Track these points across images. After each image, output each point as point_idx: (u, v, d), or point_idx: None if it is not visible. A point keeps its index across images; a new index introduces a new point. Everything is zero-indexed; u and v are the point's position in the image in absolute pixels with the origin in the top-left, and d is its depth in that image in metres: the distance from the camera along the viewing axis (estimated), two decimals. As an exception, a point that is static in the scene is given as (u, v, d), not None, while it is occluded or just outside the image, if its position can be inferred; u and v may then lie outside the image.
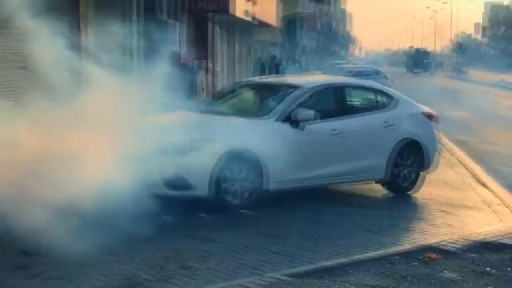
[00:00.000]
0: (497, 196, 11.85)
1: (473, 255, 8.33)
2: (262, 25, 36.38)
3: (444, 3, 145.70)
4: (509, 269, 7.86)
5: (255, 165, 10.53)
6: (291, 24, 50.58)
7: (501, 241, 8.82)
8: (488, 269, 7.82)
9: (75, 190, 8.35)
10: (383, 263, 7.94)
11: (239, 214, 9.99)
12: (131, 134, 10.14)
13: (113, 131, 9.69)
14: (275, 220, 9.80)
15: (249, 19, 29.78)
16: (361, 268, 7.72)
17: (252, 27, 36.49)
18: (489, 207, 11.25)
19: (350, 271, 7.63)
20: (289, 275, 7.31)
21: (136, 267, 7.33)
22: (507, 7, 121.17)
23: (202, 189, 10.04)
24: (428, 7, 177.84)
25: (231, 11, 24.25)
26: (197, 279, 7.08)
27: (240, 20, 28.86)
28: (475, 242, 8.90)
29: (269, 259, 7.91)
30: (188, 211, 9.64)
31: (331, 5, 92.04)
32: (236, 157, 10.42)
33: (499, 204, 11.24)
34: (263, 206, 10.21)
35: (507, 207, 10.97)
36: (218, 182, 10.14)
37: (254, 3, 29.84)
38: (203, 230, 9.07)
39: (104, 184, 8.52)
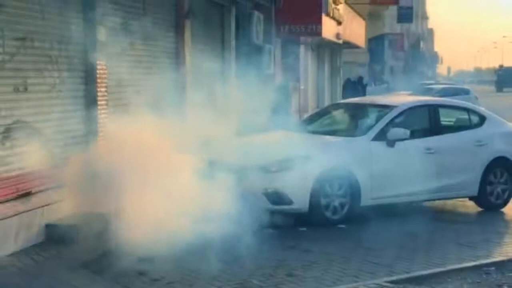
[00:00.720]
0: None
1: None
2: (351, 46, 36.28)
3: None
4: None
5: (353, 182, 10.61)
6: (378, 44, 50.08)
7: None
8: None
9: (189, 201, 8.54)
10: (479, 273, 8.02)
11: (337, 229, 10.11)
12: (237, 152, 10.52)
13: (219, 149, 10.06)
14: (372, 234, 9.84)
15: (339, 41, 29.68)
16: (458, 277, 7.89)
17: (341, 49, 36.43)
18: None
19: (448, 279, 7.79)
20: (390, 282, 7.52)
21: (248, 274, 7.59)
22: None
23: (302, 204, 10.16)
24: (504, 36, 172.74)
25: (323, 34, 24.18)
26: (304, 285, 7.33)
27: (330, 42, 28.82)
28: None
29: (369, 269, 8.07)
30: (290, 225, 9.91)
31: (418, 25, 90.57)
32: (334, 174, 10.52)
33: None
34: (360, 221, 10.28)
35: None
36: (317, 198, 10.27)
37: (344, 25, 29.91)
38: (305, 242, 9.25)
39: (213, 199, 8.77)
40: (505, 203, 12.06)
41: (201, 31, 14.88)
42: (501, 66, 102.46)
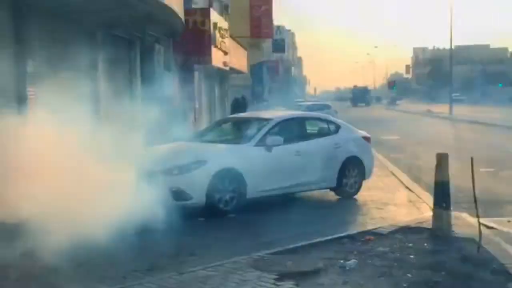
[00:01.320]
0: (419, 196, 12.19)
1: (399, 236, 8.75)
2: (236, 71, 36.35)
3: (376, 47, 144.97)
4: (425, 244, 8.33)
5: (240, 179, 10.79)
6: (258, 70, 50.28)
7: (420, 226, 9.25)
8: (410, 244, 8.27)
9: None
10: (336, 243, 8.39)
11: (229, 218, 10.37)
12: (145, 159, 10.46)
13: (130, 157, 9.76)
14: (257, 220, 10.17)
15: (226, 68, 29.92)
16: (321, 248, 8.09)
17: (228, 74, 36.39)
18: (413, 204, 11.67)
19: (313, 250, 8.02)
20: (270, 254, 7.75)
21: (157, 256, 7.70)
22: (431, 50, 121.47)
23: (200, 199, 10.28)
24: (368, 53, 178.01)
25: (213, 63, 24.44)
26: (203, 261, 7.38)
27: (219, 69, 28.88)
28: (401, 227, 9.31)
29: (254, 246, 8.23)
30: (190, 217, 9.86)
31: (289, 54, 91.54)
32: (225, 174, 10.66)
33: (421, 202, 11.59)
34: (247, 210, 10.50)
35: (426, 203, 11.24)
36: (212, 194, 10.38)
37: (229, 55, 30.13)
38: (203, 230, 9.56)
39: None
40: (356, 192, 12.50)
41: (112, 63, 14.81)
42: (355, 86, 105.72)
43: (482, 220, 8.49)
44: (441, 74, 65.61)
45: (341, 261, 7.46)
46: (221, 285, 6.60)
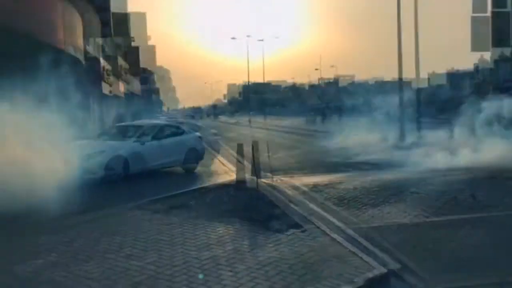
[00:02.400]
0: (230, 170, 12.48)
1: (220, 189, 9.42)
2: (116, 96, 36.52)
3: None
4: (232, 192, 9.06)
5: (125, 161, 11.31)
6: (131, 95, 50.52)
7: (230, 183, 10.10)
8: (224, 192, 9.00)
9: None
10: (186, 194, 9.02)
11: (117, 185, 10.47)
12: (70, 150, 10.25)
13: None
14: (136, 185, 10.46)
15: (111, 94, 30.44)
16: (176, 197, 8.64)
17: (110, 98, 36.54)
18: (227, 174, 12.13)
19: (171, 198, 8.46)
20: (146, 201, 8.08)
21: (84, 208, 7.50)
22: (238, 85, 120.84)
23: (101, 174, 10.71)
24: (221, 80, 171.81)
25: (103, 91, 25.34)
26: (105, 207, 7.65)
27: (105, 94, 28.57)
28: (220, 184, 10.19)
29: (137, 198, 8.36)
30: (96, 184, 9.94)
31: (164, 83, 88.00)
32: (116, 158, 11.18)
33: (232, 172, 11.85)
34: (131, 180, 10.84)
35: (233, 172, 11.59)
36: (108, 170, 10.85)
37: (113, 86, 30.99)
38: (101, 197, 8.91)
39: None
40: (195, 168, 13.14)
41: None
42: (211, 104, 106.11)
43: (264, 180, 9.84)
44: (257, 98, 69.48)
45: (207, 198, 8.30)
46: (119, 219, 6.95)
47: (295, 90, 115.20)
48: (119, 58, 38.98)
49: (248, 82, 71.76)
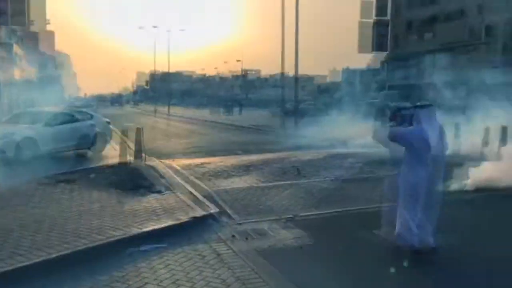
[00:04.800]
0: (132, 152, 12.56)
1: (116, 168, 10.76)
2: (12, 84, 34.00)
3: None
4: (126, 168, 10.75)
5: (35, 142, 12.19)
6: (29, 82, 48.67)
7: (115, 165, 11.02)
8: (117, 169, 10.53)
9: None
10: (92, 170, 10.37)
11: (30, 163, 11.09)
12: None
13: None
14: (46, 163, 10.96)
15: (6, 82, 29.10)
16: (83, 172, 10.11)
17: None
18: (116, 157, 12.27)
19: (76, 173, 9.88)
20: (55, 175, 9.53)
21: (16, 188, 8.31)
22: (148, 74, 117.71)
23: (12, 154, 11.68)
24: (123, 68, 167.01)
25: None
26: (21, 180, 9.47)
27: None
28: (118, 163, 11.28)
29: (47, 172, 9.56)
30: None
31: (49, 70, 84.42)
32: (27, 139, 12.03)
33: (131, 155, 12.27)
34: (22, 163, 11.21)
35: (129, 156, 12.12)
36: (19, 150, 11.73)
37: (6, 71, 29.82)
38: (16, 168, 10.38)
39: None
40: (102, 150, 14.12)
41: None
42: (112, 93, 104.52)
43: (147, 162, 11.42)
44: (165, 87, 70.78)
45: (91, 175, 9.59)
46: (18, 190, 8.02)
47: (205, 80, 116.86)
48: (15, 45, 37.25)
49: (155, 70, 72.75)
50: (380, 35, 43.79)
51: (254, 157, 13.83)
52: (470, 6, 36.73)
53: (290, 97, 30.55)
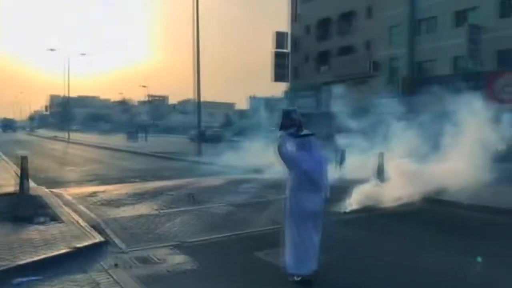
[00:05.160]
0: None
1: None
2: None
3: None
4: (10, 199, 10.33)
5: None
6: None
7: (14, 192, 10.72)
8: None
9: None
10: None
11: None
12: None
13: None
14: None
15: None
16: None
17: None
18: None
19: None
20: None
21: None
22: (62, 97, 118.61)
23: None
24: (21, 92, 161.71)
25: None
26: None
27: None
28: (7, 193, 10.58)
29: None
30: None
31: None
32: None
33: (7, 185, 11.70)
34: None
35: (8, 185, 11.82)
36: None
37: None
38: None
39: None
40: None
41: None
42: (4, 118, 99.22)
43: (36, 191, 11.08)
44: (67, 113, 68.50)
45: None
46: None
47: (124, 105, 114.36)
48: None
49: (62, 95, 69.99)
50: (280, 66, 45.86)
51: (150, 185, 13.70)
52: (359, 43, 39.87)
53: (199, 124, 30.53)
